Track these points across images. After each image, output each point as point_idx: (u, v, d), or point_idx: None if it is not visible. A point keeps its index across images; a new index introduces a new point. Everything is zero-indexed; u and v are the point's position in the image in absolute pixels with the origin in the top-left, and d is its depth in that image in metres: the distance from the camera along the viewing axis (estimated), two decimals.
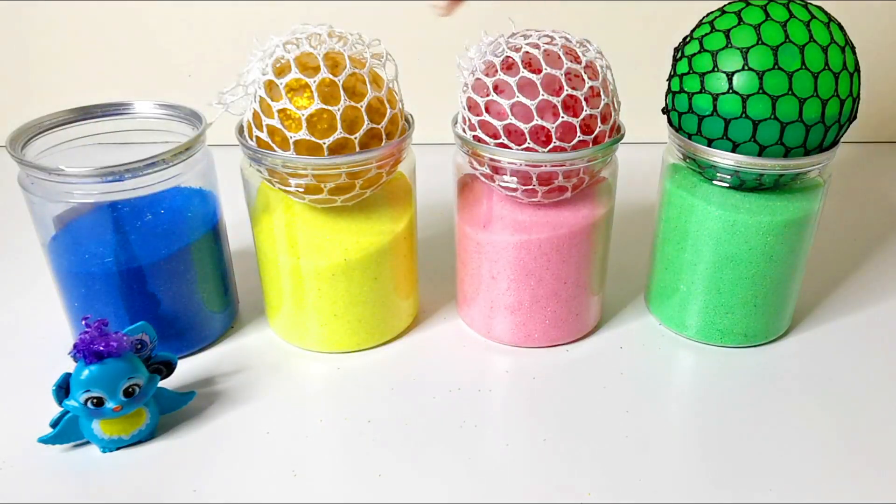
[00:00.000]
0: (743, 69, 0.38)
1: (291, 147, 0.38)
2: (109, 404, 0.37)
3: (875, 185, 0.71)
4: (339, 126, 0.38)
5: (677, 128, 0.43)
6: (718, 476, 0.37)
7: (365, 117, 0.39)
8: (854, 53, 0.40)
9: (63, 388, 0.36)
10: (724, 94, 0.39)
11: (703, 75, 0.40)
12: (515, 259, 0.43)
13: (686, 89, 0.41)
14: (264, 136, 0.39)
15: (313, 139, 0.38)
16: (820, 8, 0.40)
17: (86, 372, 0.36)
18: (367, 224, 0.43)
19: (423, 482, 0.37)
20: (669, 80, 0.43)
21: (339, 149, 0.38)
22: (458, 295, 0.49)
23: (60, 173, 0.38)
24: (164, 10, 0.73)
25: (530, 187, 0.41)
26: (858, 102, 0.40)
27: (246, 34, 0.73)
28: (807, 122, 0.39)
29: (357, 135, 0.38)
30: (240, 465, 0.38)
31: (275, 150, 0.39)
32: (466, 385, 0.43)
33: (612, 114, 0.41)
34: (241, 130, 0.41)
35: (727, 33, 0.39)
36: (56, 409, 0.37)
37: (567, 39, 0.40)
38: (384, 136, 0.40)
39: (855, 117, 0.41)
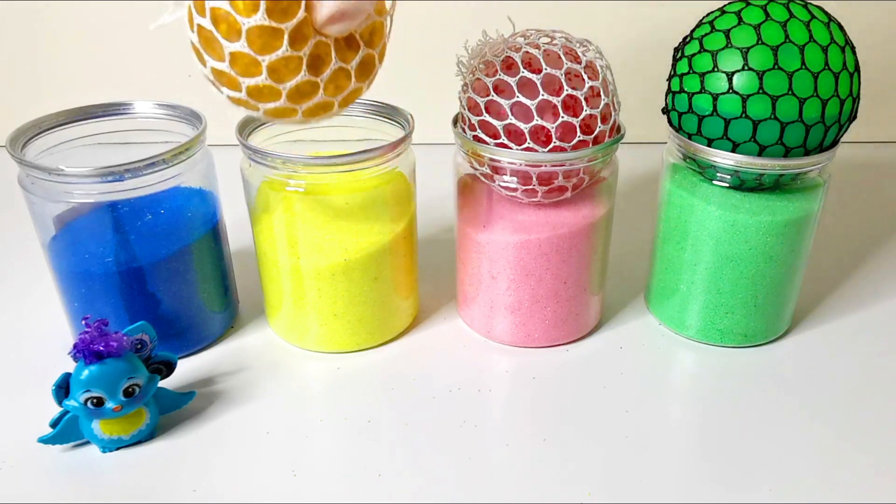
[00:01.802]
0: (743, 69, 0.38)
1: (243, 35, 0.31)
2: (109, 404, 0.37)
3: (875, 185, 0.71)
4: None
5: (677, 128, 0.43)
6: (718, 476, 0.37)
7: None
8: (854, 53, 0.40)
9: (63, 388, 0.36)
10: (724, 93, 0.39)
11: (703, 75, 0.40)
12: (515, 259, 0.43)
13: (686, 89, 0.41)
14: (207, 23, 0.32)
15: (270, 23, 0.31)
16: (820, 8, 0.40)
17: (86, 372, 0.36)
18: (367, 224, 0.43)
19: (423, 482, 0.37)
20: (669, 80, 0.43)
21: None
22: (458, 295, 0.49)
23: (60, 173, 0.38)
24: (164, 10, 0.73)
25: (530, 187, 0.41)
26: (858, 102, 0.40)
27: None
28: (807, 122, 0.39)
29: None
30: (240, 465, 0.38)
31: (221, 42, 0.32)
32: (466, 385, 0.43)
33: (612, 114, 0.41)
34: (241, 129, 0.41)
35: (727, 33, 0.39)
36: (56, 409, 0.37)
37: (567, 39, 0.40)
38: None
39: (855, 117, 0.41)
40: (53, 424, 0.38)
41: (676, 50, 0.43)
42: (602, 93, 0.39)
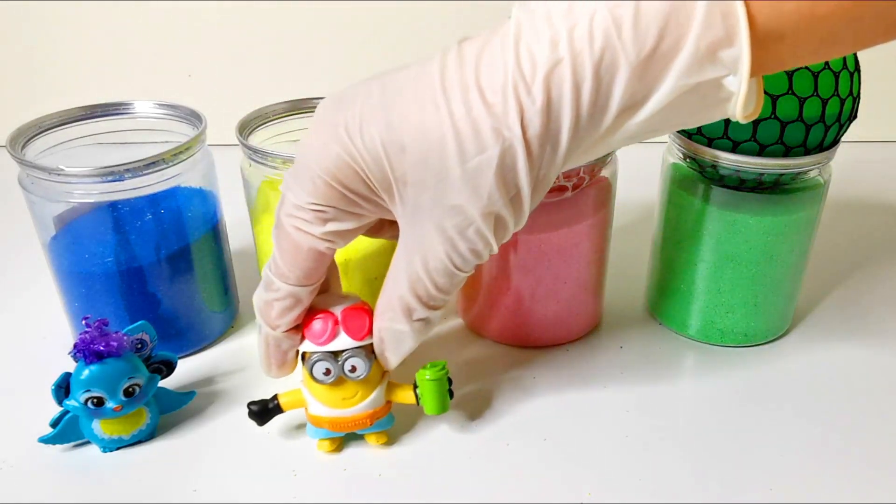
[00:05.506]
0: None
1: None
2: (109, 404, 0.37)
3: (875, 184, 0.71)
4: None
5: None
6: (718, 476, 0.37)
7: None
8: (854, 53, 0.40)
9: (63, 388, 0.36)
10: None
11: None
12: (515, 259, 0.43)
13: None
14: None
15: None
16: None
17: (86, 372, 0.36)
18: None
19: (423, 482, 0.37)
20: None
21: None
22: (458, 295, 0.49)
23: (60, 173, 0.38)
24: (164, 10, 0.73)
25: None
26: (859, 101, 0.40)
27: (246, 34, 0.74)
28: (807, 122, 0.38)
29: None
30: (240, 465, 0.38)
31: None
32: (466, 385, 0.43)
33: None
34: (241, 129, 0.41)
35: None
36: (56, 409, 0.37)
37: None
38: None
39: (855, 116, 0.41)
40: (53, 424, 0.38)
41: None
42: None
